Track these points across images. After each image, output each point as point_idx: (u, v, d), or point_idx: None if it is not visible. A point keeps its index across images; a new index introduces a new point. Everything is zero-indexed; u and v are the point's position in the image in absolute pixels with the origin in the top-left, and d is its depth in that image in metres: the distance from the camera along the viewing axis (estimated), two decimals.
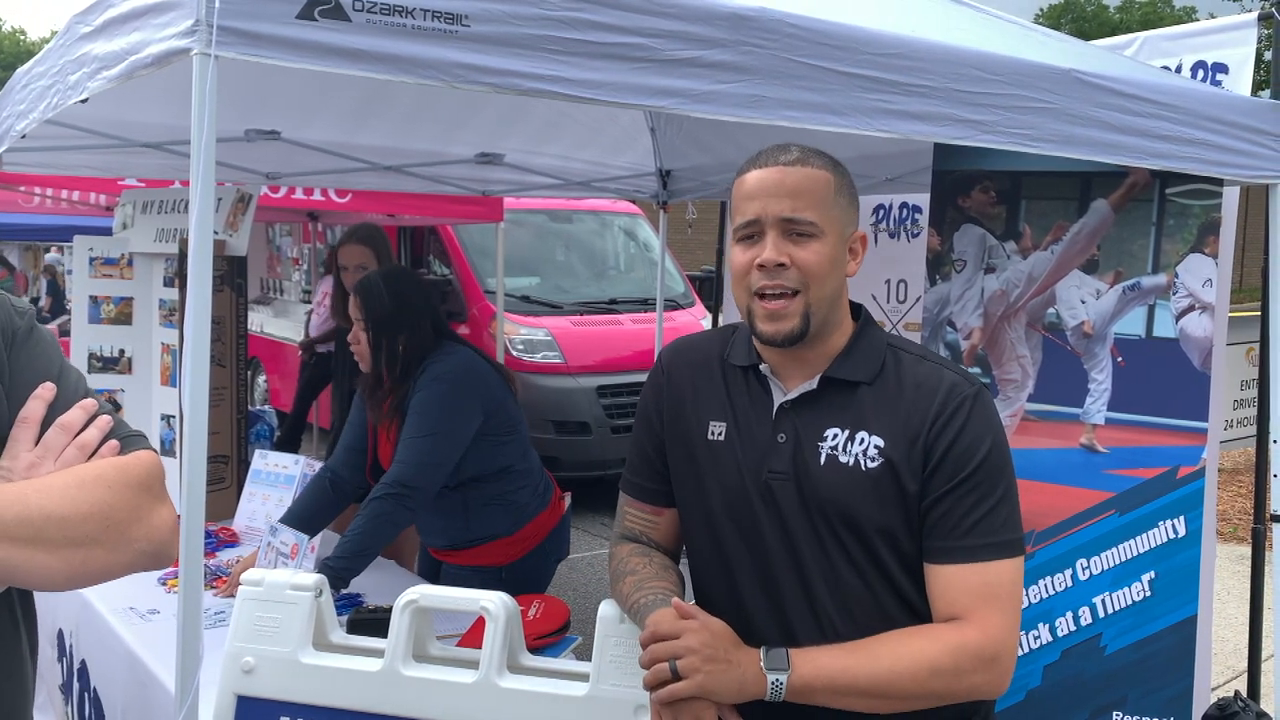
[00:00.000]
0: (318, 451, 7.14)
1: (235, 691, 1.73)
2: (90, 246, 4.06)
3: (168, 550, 1.30)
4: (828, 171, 1.60)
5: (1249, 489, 7.26)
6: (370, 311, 2.91)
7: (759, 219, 1.57)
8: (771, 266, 1.54)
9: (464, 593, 1.76)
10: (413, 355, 2.92)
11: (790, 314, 1.56)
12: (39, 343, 1.31)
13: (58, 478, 1.20)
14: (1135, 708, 2.71)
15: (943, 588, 1.53)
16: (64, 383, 1.30)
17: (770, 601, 1.62)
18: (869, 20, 2.11)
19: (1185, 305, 2.72)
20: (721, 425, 1.67)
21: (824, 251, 1.57)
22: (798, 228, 1.56)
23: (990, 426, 1.57)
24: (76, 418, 1.27)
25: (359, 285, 3.00)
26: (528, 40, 1.76)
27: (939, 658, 1.48)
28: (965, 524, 1.53)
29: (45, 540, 1.14)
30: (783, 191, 1.56)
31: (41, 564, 1.14)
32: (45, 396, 1.26)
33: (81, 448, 1.25)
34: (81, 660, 2.84)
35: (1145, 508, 2.70)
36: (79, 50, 2.07)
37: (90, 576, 1.22)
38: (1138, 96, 2.38)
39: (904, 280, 4.45)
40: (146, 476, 1.28)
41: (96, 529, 1.19)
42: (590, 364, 7.39)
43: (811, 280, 1.56)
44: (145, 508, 1.26)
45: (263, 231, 9.87)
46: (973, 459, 1.53)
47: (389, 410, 2.95)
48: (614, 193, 5.22)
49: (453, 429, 2.86)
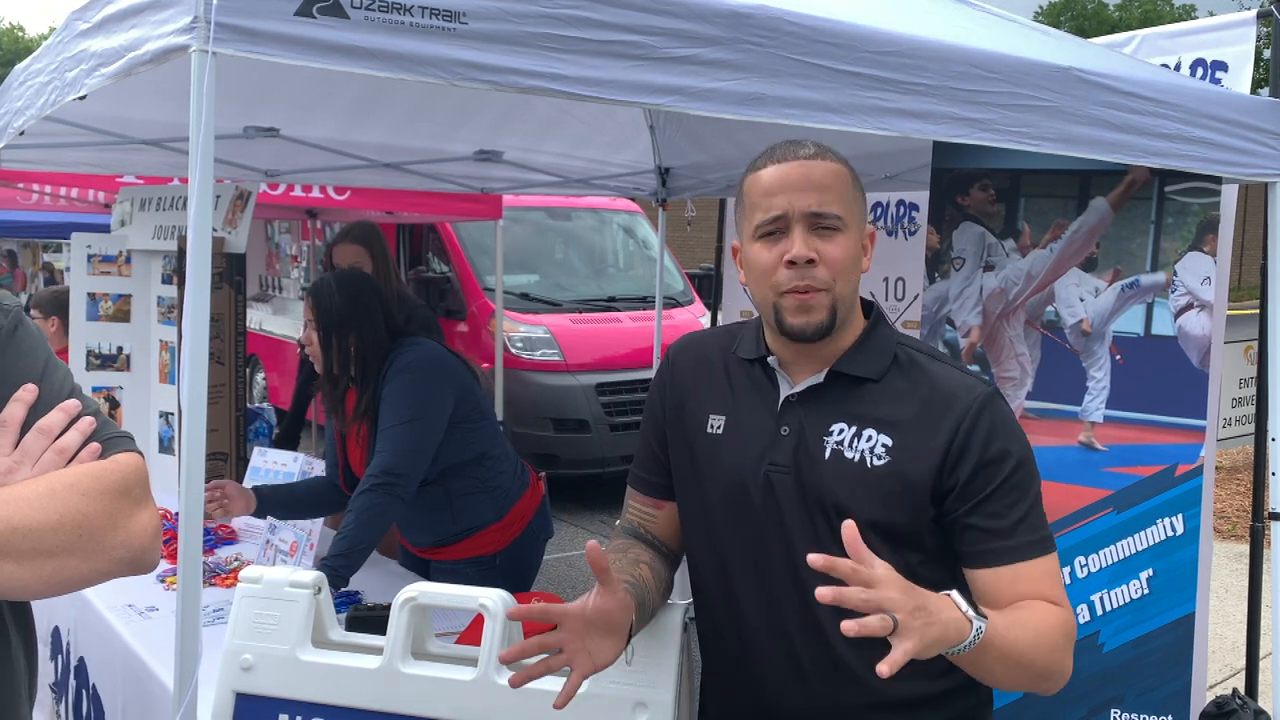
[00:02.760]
0: (316, 449, 7.14)
1: (234, 689, 1.73)
2: (88, 244, 4.05)
3: (148, 556, 1.27)
4: (844, 165, 1.59)
5: (1248, 487, 7.27)
6: (320, 311, 2.93)
7: (785, 214, 1.54)
8: (802, 262, 1.52)
9: (463, 590, 1.76)
10: (367, 355, 2.92)
11: (821, 306, 1.54)
12: (23, 341, 1.29)
13: (28, 486, 1.18)
14: (1133, 705, 2.71)
15: (1009, 586, 1.52)
16: (47, 383, 1.28)
17: (763, 594, 1.62)
18: (868, 18, 2.11)
19: (1184, 303, 2.73)
20: (721, 419, 1.67)
21: (849, 245, 1.56)
22: (825, 221, 1.54)
23: (1014, 426, 1.59)
24: (56, 421, 1.24)
25: (312, 286, 3.02)
26: (526, 38, 1.76)
27: (1061, 636, 1.50)
28: (1011, 523, 1.53)
29: (12, 551, 1.12)
30: (809, 185, 1.54)
31: (10, 575, 1.12)
32: (25, 399, 1.24)
33: (60, 452, 1.23)
34: (80, 658, 2.84)
35: (1143, 505, 2.70)
36: (77, 47, 2.07)
37: (65, 585, 1.19)
38: (1137, 95, 2.38)
39: (902, 278, 4.46)
40: (124, 481, 1.25)
41: (68, 538, 1.16)
42: (589, 362, 7.40)
43: (838, 275, 1.55)
44: (122, 514, 1.23)
45: (261, 229, 9.87)
46: (1008, 462, 1.54)
47: (355, 412, 2.96)
48: (613, 190, 5.22)
49: (428, 414, 2.88)
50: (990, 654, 1.40)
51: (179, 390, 1.70)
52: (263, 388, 9.67)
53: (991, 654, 1.40)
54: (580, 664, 1.44)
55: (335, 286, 2.97)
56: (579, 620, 1.45)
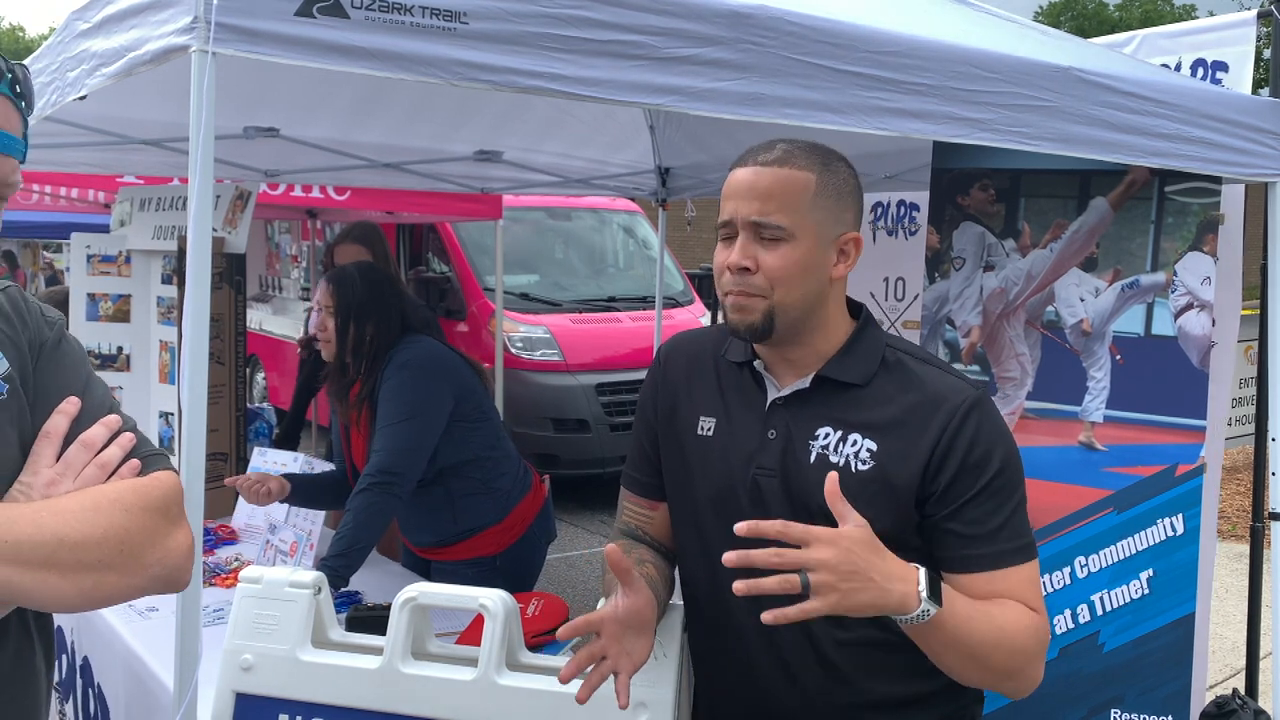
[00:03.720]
0: (316, 449, 7.14)
1: (234, 689, 1.73)
2: (88, 244, 4.05)
3: (182, 575, 1.29)
4: (810, 172, 1.56)
5: (1248, 487, 7.26)
6: (342, 297, 2.95)
7: (732, 220, 1.57)
8: (736, 270, 1.55)
9: (463, 590, 1.76)
10: (379, 345, 2.94)
11: (755, 309, 1.56)
12: (67, 355, 1.30)
13: (74, 499, 1.19)
14: (1133, 705, 2.71)
15: (987, 592, 1.52)
16: (89, 397, 1.29)
17: (752, 596, 1.62)
18: (868, 18, 2.11)
19: (1184, 303, 2.73)
20: (711, 420, 1.68)
21: (793, 255, 1.54)
22: (765, 231, 1.55)
23: (1001, 432, 1.58)
24: (99, 435, 1.26)
25: (333, 274, 3.04)
26: (526, 37, 1.76)
27: (1029, 640, 1.49)
28: (992, 529, 1.53)
29: (57, 563, 1.13)
30: (754, 194, 1.55)
31: (53, 587, 1.13)
32: (69, 411, 1.25)
33: (102, 466, 1.24)
34: (84, 657, 2.84)
35: (1143, 505, 2.70)
36: (77, 47, 2.07)
37: (102, 600, 1.21)
38: (1137, 95, 2.38)
39: (902, 278, 4.46)
40: (164, 499, 1.27)
41: (110, 553, 1.18)
42: (589, 362, 7.40)
43: (776, 284, 1.55)
44: (161, 532, 1.24)
45: (261, 229, 9.87)
46: (991, 466, 1.53)
47: (356, 400, 2.97)
48: (613, 190, 5.22)
49: (426, 412, 2.88)
50: (941, 637, 1.41)
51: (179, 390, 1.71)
52: (263, 388, 9.67)
53: (942, 637, 1.41)
54: (623, 665, 1.48)
55: (358, 275, 3.00)
56: (615, 624, 1.49)
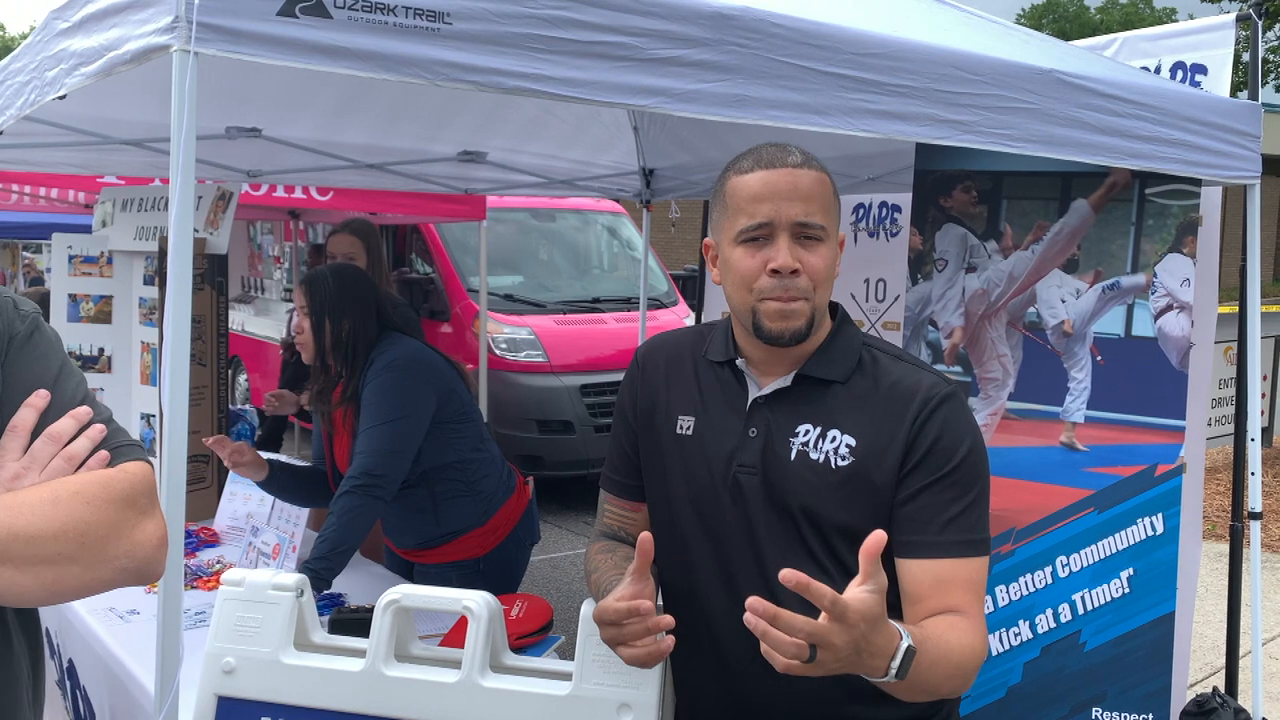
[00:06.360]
0: (299, 450, 7.11)
1: (216, 692, 1.72)
2: (69, 244, 4.03)
3: (152, 566, 1.26)
4: (826, 174, 1.61)
5: (1227, 486, 7.33)
6: (314, 296, 2.94)
7: (771, 222, 1.55)
8: (788, 272, 1.54)
9: (446, 592, 1.75)
10: (357, 342, 2.93)
11: (800, 314, 1.56)
12: (38, 346, 1.28)
13: (33, 492, 1.17)
14: (1114, 704, 2.73)
15: (931, 582, 1.52)
16: (60, 389, 1.27)
17: (729, 595, 1.62)
18: (852, 20, 2.11)
19: (1163, 305, 2.75)
20: (690, 420, 1.68)
21: (829, 255, 1.58)
22: (809, 231, 1.55)
23: (969, 427, 1.59)
24: (66, 427, 1.24)
25: (306, 276, 3.03)
26: (510, 38, 1.76)
27: (973, 665, 1.48)
28: (944, 519, 1.53)
29: (11, 558, 1.11)
30: (797, 195, 1.55)
31: (10, 581, 1.12)
32: (37, 404, 1.23)
33: (69, 459, 1.23)
34: (69, 660, 2.82)
35: (1123, 505, 2.72)
36: (57, 46, 2.06)
37: (66, 593, 1.19)
38: (1118, 97, 2.40)
39: (883, 279, 4.48)
40: (131, 490, 1.24)
41: (70, 546, 1.16)
42: (573, 363, 7.39)
43: (819, 284, 1.57)
44: (127, 523, 1.22)
45: (244, 229, 9.82)
46: (954, 456, 1.54)
47: (338, 400, 2.95)
48: (597, 191, 5.22)
49: (409, 414, 2.87)
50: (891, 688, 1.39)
51: (160, 392, 1.69)
52: (245, 389, 9.62)
53: (898, 688, 1.39)
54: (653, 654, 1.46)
55: (330, 274, 3.00)
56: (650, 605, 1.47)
